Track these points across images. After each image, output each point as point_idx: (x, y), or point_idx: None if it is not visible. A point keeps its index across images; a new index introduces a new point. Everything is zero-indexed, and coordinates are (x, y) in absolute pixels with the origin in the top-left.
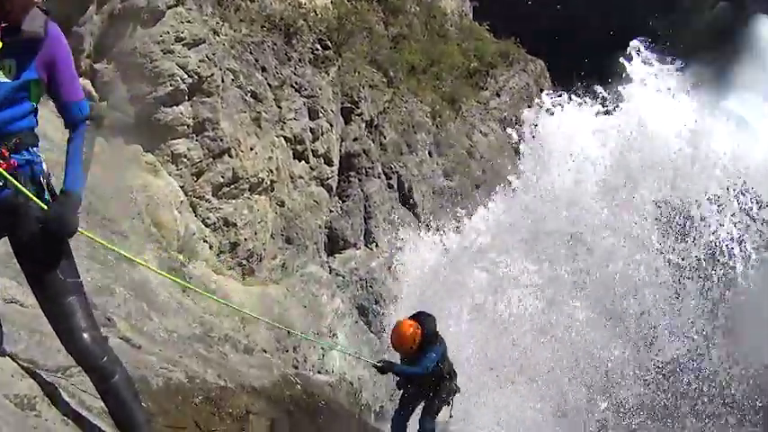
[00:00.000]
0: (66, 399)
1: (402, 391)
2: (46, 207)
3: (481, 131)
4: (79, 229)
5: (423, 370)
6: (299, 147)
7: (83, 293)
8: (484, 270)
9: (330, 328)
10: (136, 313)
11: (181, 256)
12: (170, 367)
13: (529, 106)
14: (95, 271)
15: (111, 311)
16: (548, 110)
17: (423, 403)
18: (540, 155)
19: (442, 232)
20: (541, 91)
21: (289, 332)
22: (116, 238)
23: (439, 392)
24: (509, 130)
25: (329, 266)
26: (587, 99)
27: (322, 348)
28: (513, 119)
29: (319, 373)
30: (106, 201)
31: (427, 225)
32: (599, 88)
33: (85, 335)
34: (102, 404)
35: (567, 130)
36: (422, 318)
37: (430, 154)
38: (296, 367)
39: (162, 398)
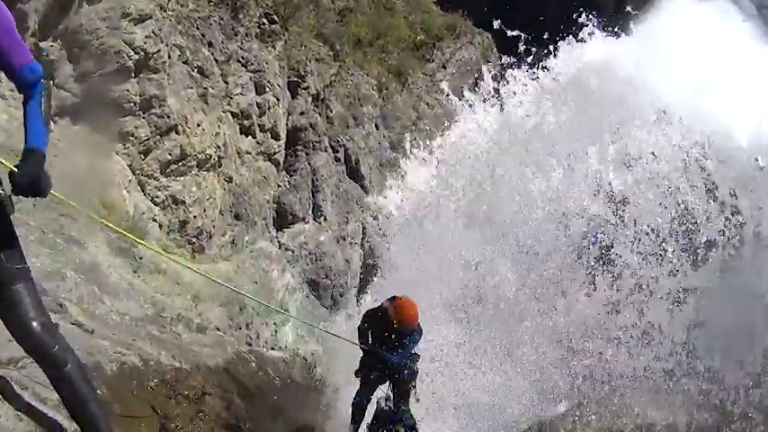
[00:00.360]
0: (19, 392)
1: (362, 375)
2: (15, 169)
3: (427, 104)
4: (58, 195)
5: (404, 358)
6: (245, 122)
7: (30, 280)
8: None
9: (282, 304)
10: (87, 297)
11: (130, 237)
12: (124, 351)
13: (476, 78)
14: (45, 256)
15: (62, 297)
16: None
17: (390, 391)
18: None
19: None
20: (488, 62)
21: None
22: (65, 220)
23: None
24: (455, 101)
25: (278, 241)
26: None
27: (274, 324)
28: (461, 90)
29: (272, 349)
30: (54, 183)
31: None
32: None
33: (35, 323)
34: (57, 395)
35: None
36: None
37: (376, 126)
38: (249, 344)
39: (117, 383)
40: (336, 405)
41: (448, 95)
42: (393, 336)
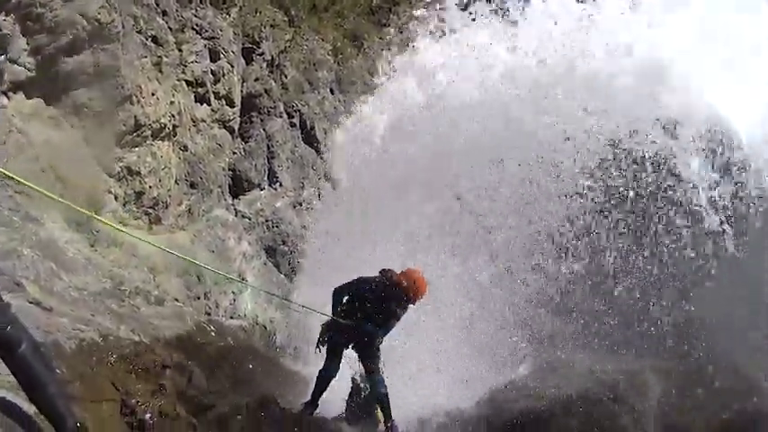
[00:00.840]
0: None
1: (328, 345)
2: None
3: (383, 68)
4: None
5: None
6: (200, 90)
7: None
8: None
9: (239, 272)
10: (45, 274)
11: (87, 210)
12: (82, 327)
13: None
14: (0, 234)
15: (19, 275)
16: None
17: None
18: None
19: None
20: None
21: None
22: (20, 197)
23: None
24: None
25: (235, 209)
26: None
27: (233, 292)
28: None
29: (232, 318)
30: (7, 160)
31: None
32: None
33: None
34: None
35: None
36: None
37: (332, 91)
38: (208, 314)
39: (76, 361)
40: (298, 373)
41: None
42: (385, 308)
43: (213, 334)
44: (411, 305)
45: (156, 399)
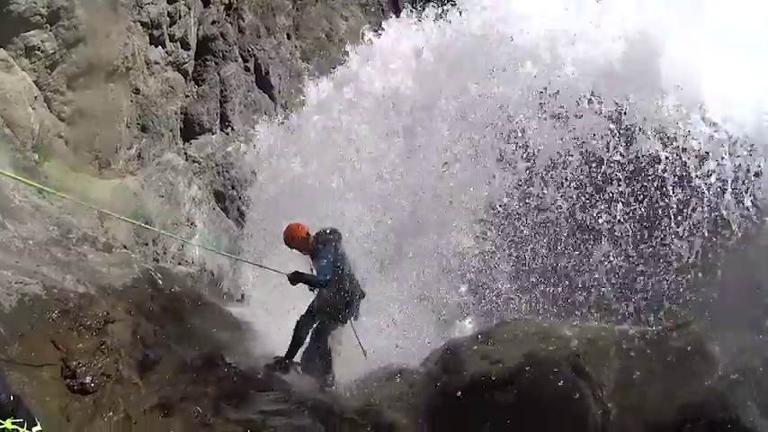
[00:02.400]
0: None
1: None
2: None
3: (342, 15)
4: None
5: (323, 275)
6: (155, 31)
7: None
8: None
9: (188, 217)
10: None
11: (36, 156)
12: (26, 280)
13: None
14: None
15: None
16: None
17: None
18: None
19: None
20: None
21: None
22: None
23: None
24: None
25: (185, 153)
26: None
27: (181, 238)
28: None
29: (180, 264)
30: None
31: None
32: None
33: None
34: None
35: None
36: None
37: (288, 37)
38: (156, 260)
39: (16, 320)
40: (246, 321)
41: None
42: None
43: (161, 282)
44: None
45: (98, 358)
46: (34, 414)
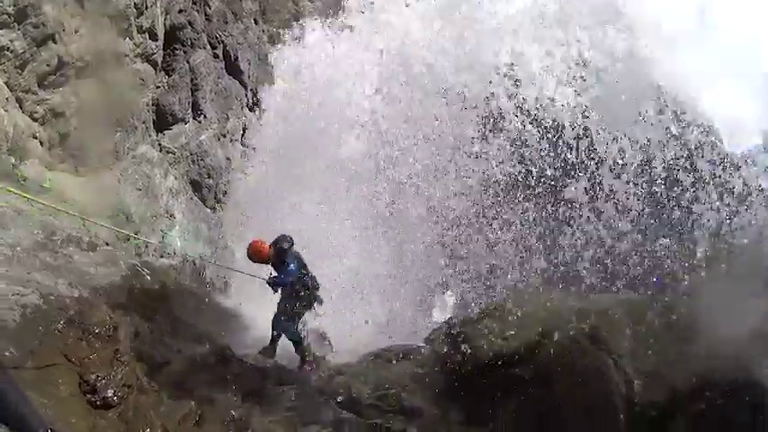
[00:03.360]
0: None
1: (281, 301)
2: None
3: None
4: None
5: (291, 277)
6: (122, 24)
7: None
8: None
9: (167, 209)
10: None
11: (12, 158)
12: (21, 290)
13: None
14: None
15: None
16: None
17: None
18: None
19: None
20: None
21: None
22: None
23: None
24: None
25: (159, 144)
26: None
27: (161, 230)
28: None
29: (162, 257)
30: None
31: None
32: None
33: None
34: None
35: None
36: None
37: (255, 21)
38: (139, 255)
39: (23, 335)
40: (228, 308)
41: None
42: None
43: (148, 277)
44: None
45: (116, 368)
46: None
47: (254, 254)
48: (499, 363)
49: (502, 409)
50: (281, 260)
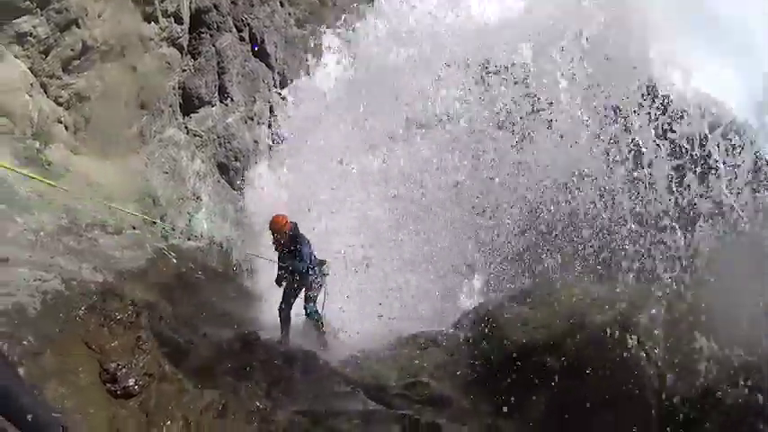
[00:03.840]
0: None
1: (284, 286)
2: None
3: None
4: None
5: (306, 263)
6: (147, 8)
7: None
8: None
9: (193, 191)
10: None
11: (37, 143)
12: (44, 275)
13: None
14: None
15: None
16: None
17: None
18: None
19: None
20: None
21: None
22: None
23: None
24: None
25: (186, 127)
26: None
27: (188, 213)
28: None
29: (189, 240)
30: None
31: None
32: None
33: None
34: None
35: None
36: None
37: (281, 4)
38: (165, 238)
39: (44, 323)
40: (253, 291)
41: None
42: (286, 244)
43: (174, 260)
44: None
45: (138, 356)
46: None
47: (275, 223)
48: (530, 352)
49: (532, 401)
50: (294, 241)
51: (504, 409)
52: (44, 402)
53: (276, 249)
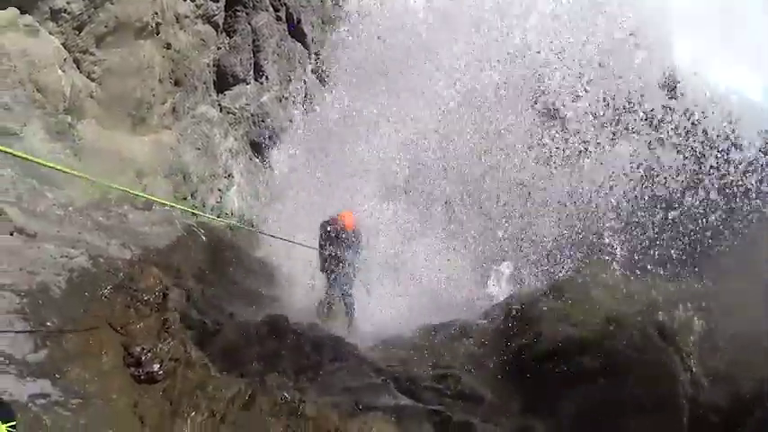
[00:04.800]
0: None
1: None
2: None
3: None
4: None
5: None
6: None
7: None
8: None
9: (225, 169)
10: (27, 194)
11: (69, 118)
12: (71, 252)
13: None
14: None
15: None
16: None
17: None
18: None
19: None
20: None
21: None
22: None
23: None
24: None
25: (219, 105)
26: None
27: (219, 190)
28: None
29: (219, 216)
30: None
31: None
32: None
33: None
34: None
35: None
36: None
37: None
38: (195, 215)
39: (68, 303)
40: (281, 270)
41: None
42: (344, 238)
43: (203, 237)
44: (351, 234)
45: (163, 340)
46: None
47: (344, 221)
48: (564, 350)
49: (564, 401)
50: (357, 239)
51: (536, 407)
52: None
53: (325, 239)
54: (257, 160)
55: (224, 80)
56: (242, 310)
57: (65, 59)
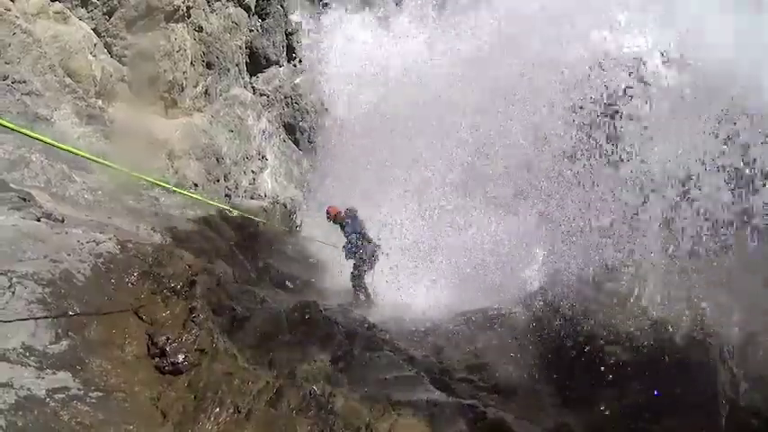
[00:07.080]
0: None
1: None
2: None
3: None
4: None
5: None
6: None
7: None
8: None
9: (259, 150)
10: (56, 178)
11: (100, 102)
12: (98, 237)
13: None
14: (8, 143)
15: (28, 185)
16: None
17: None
18: None
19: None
20: None
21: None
22: (29, 98)
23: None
24: None
25: (252, 87)
26: None
27: (252, 172)
28: None
29: (252, 198)
30: (12, 62)
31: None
32: None
33: None
34: None
35: None
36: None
37: None
38: (229, 196)
39: (93, 290)
40: (313, 253)
41: None
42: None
43: (237, 219)
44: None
45: (190, 330)
46: None
47: (328, 215)
48: (602, 345)
49: (600, 396)
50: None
51: (572, 403)
52: None
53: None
54: (290, 142)
55: (257, 62)
56: (273, 294)
57: (95, 44)
